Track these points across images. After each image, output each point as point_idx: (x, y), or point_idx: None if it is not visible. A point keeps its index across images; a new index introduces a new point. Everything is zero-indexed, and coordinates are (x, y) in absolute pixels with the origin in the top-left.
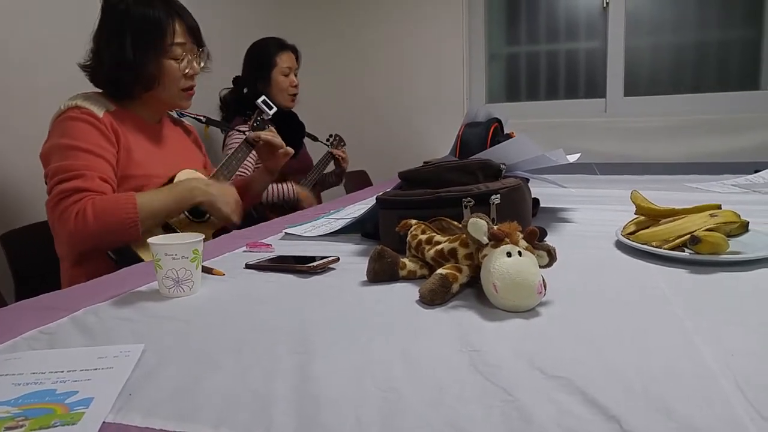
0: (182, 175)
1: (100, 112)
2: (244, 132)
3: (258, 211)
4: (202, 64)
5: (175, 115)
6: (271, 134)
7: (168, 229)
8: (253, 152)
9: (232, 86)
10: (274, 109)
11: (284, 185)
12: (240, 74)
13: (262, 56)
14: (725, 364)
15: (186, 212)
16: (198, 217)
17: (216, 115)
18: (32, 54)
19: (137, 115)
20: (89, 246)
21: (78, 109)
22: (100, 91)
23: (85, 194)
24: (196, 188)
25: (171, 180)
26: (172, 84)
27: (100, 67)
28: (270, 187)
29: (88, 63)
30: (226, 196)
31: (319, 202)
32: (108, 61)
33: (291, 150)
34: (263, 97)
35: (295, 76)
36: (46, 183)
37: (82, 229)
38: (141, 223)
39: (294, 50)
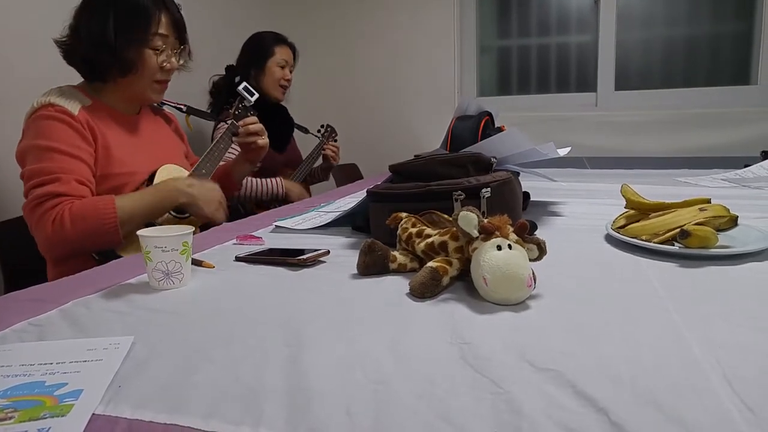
0: (163, 172)
1: (75, 110)
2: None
3: (246, 208)
4: (181, 62)
5: (155, 104)
6: (252, 121)
7: (149, 224)
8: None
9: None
10: (256, 95)
11: (271, 181)
12: (232, 64)
13: (260, 45)
14: (714, 357)
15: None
16: (181, 213)
17: (205, 102)
18: (17, 43)
19: (114, 107)
20: (68, 251)
21: (52, 106)
22: (75, 84)
23: (61, 199)
24: (177, 190)
25: (152, 176)
26: (148, 74)
27: (78, 45)
28: (257, 183)
29: (65, 39)
30: (208, 195)
31: (309, 195)
32: (87, 40)
33: (265, 141)
34: (244, 84)
35: (290, 72)
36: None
37: (60, 235)
38: (121, 227)
39: (293, 48)
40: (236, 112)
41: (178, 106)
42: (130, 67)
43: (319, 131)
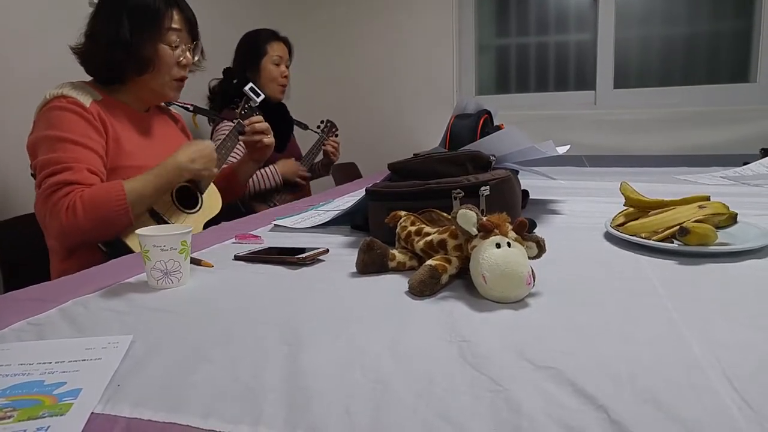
0: None
1: (87, 102)
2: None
3: (246, 206)
4: (195, 58)
5: (162, 103)
6: (258, 120)
7: (159, 220)
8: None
9: (222, 77)
10: (262, 96)
11: (266, 171)
12: (230, 66)
13: (253, 45)
14: (713, 354)
15: (177, 204)
16: (189, 208)
17: (204, 106)
18: (18, 42)
19: (125, 104)
20: (82, 239)
21: (64, 98)
22: (87, 80)
23: (73, 187)
24: (182, 168)
25: None
26: (165, 71)
27: (95, 50)
28: (253, 177)
29: (80, 46)
30: (208, 162)
31: (309, 192)
32: (104, 44)
33: (271, 140)
34: (251, 84)
35: (287, 67)
36: (33, 176)
37: (74, 223)
38: (131, 208)
39: (286, 42)
40: (242, 112)
41: (185, 105)
42: (148, 64)
43: (318, 127)
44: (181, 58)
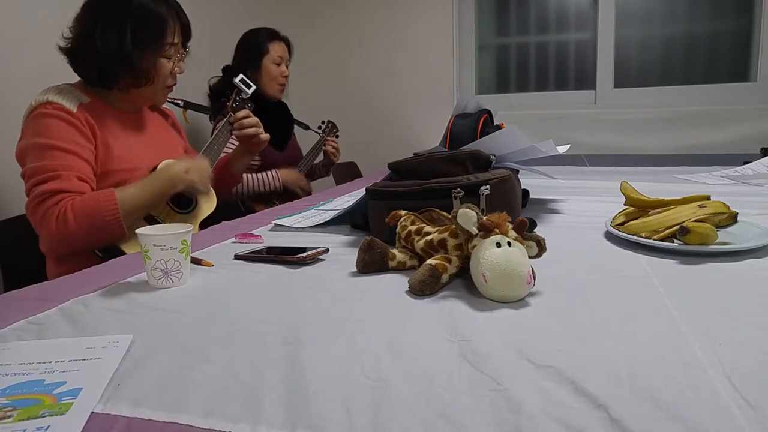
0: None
1: (73, 107)
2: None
3: (246, 205)
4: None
5: None
6: (244, 113)
7: (152, 221)
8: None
9: (221, 75)
10: (253, 87)
11: (268, 175)
12: (229, 64)
13: (254, 44)
14: (713, 353)
15: (171, 204)
16: (183, 208)
17: (204, 101)
18: (15, 41)
19: (113, 105)
20: (73, 248)
21: (50, 104)
22: (73, 81)
23: (63, 195)
24: (176, 177)
25: (152, 172)
26: (161, 82)
27: (91, 55)
28: (254, 178)
29: (70, 47)
30: (203, 175)
31: (308, 184)
32: (104, 53)
33: (266, 135)
34: (241, 76)
35: (287, 67)
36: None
37: (64, 232)
38: (124, 220)
39: (287, 42)
40: (233, 105)
41: (175, 101)
42: (147, 78)
43: (319, 127)
44: (176, 68)
